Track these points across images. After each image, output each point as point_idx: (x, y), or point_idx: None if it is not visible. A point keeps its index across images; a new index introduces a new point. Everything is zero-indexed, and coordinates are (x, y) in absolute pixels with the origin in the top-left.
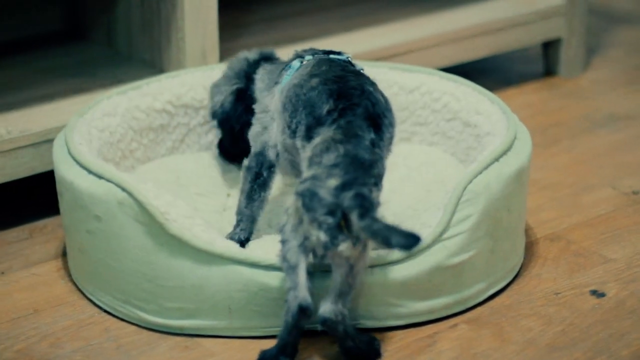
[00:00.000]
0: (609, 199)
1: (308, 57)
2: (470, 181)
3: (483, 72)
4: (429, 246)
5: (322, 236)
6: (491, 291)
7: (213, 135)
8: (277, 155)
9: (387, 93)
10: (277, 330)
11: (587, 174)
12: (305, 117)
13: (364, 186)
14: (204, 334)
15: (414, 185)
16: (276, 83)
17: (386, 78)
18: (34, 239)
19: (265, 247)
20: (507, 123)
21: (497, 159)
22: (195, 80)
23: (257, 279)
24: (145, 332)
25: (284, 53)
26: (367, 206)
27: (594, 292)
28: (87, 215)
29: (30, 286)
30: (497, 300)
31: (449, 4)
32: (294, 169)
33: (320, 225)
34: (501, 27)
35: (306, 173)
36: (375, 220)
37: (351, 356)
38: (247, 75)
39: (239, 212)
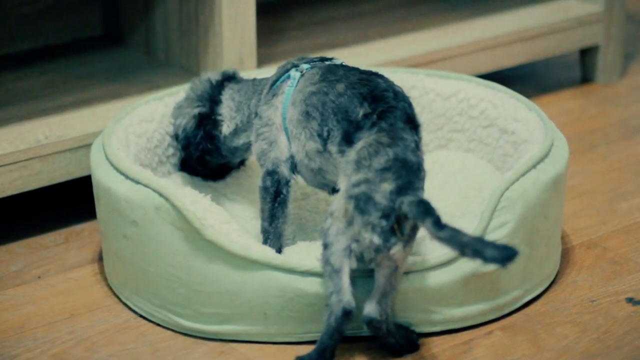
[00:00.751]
0: None
1: (305, 66)
2: (507, 188)
3: (520, 78)
4: None
5: (376, 239)
6: (527, 298)
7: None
8: (293, 167)
9: (423, 99)
10: (312, 336)
11: (623, 181)
12: (339, 123)
13: (418, 190)
14: (240, 340)
15: (450, 192)
16: (274, 95)
17: (423, 85)
18: (70, 244)
19: (301, 253)
20: (545, 130)
21: (534, 166)
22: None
23: (293, 285)
24: (180, 337)
25: None
26: (437, 215)
27: (630, 300)
28: (124, 220)
29: (67, 290)
30: (532, 307)
31: (486, 11)
32: (317, 176)
33: (374, 229)
34: (538, 34)
35: (355, 177)
36: (457, 231)
37: (392, 351)
38: (211, 98)
39: (264, 231)
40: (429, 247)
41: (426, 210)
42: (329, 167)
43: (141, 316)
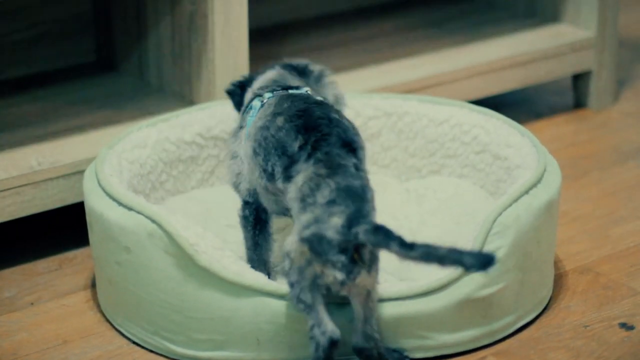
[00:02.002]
0: (639, 231)
1: (267, 95)
2: (500, 214)
3: (513, 104)
4: (457, 278)
5: (338, 275)
6: (520, 324)
7: None
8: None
9: (416, 125)
10: None
11: (616, 206)
12: (279, 158)
13: (369, 214)
14: None
15: (443, 218)
16: (241, 127)
17: (416, 110)
18: (63, 270)
19: None
20: (537, 155)
21: (526, 192)
22: (225, 112)
23: (285, 311)
24: None
25: None
26: (398, 236)
27: (623, 325)
28: (117, 247)
29: (60, 317)
30: (525, 332)
31: (478, 37)
32: (276, 206)
33: (334, 265)
34: (531, 59)
35: (304, 217)
36: (428, 245)
37: None
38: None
39: (249, 260)
40: (422, 273)
41: (386, 235)
42: (283, 199)
43: (134, 342)
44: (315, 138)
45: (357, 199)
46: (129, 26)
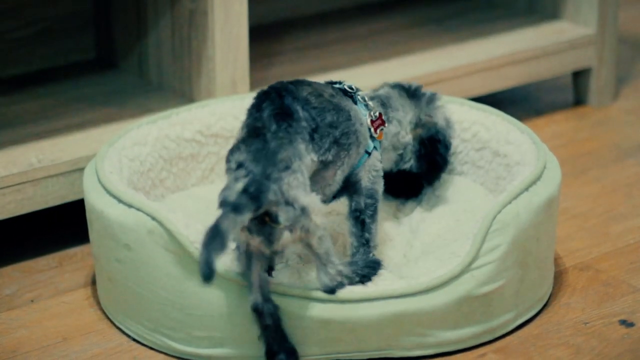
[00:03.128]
0: (639, 228)
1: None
2: (500, 211)
3: (513, 101)
4: (458, 276)
5: (256, 239)
6: (520, 321)
7: None
8: None
9: None
10: (305, 359)
11: (616, 204)
12: None
13: (270, 177)
14: None
15: (443, 215)
16: None
17: None
18: (63, 268)
19: (293, 276)
20: (537, 153)
21: (526, 189)
22: (225, 109)
23: (285, 308)
24: None
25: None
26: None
27: (623, 322)
28: (117, 244)
29: (60, 314)
30: (525, 329)
31: (478, 34)
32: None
33: (250, 231)
34: (531, 56)
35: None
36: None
37: (364, 283)
38: None
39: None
40: (422, 270)
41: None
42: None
43: (134, 340)
44: (251, 109)
45: (263, 159)
46: (128, 24)
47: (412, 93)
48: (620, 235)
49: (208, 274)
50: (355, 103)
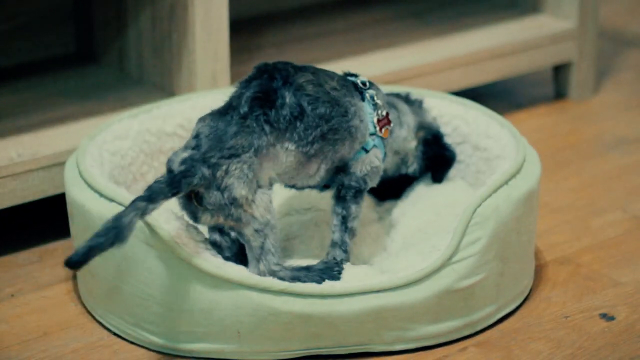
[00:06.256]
0: (619, 222)
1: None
2: (480, 204)
3: (493, 95)
4: (438, 270)
5: (183, 211)
6: (501, 314)
7: None
8: None
9: None
10: (286, 354)
11: (597, 197)
12: None
13: (206, 161)
14: (214, 358)
15: (423, 209)
16: None
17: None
18: (44, 262)
19: None
20: (517, 146)
21: (506, 182)
22: (205, 103)
23: (266, 304)
24: (154, 355)
25: None
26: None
27: (603, 316)
28: None
29: (40, 309)
30: (506, 323)
31: (458, 28)
32: None
33: (179, 201)
34: (511, 50)
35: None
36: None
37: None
38: None
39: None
40: (403, 265)
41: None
42: None
43: (115, 334)
44: (234, 94)
45: (215, 142)
46: (109, 17)
47: (406, 99)
48: (601, 228)
49: (75, 262)
50: (363, 100)
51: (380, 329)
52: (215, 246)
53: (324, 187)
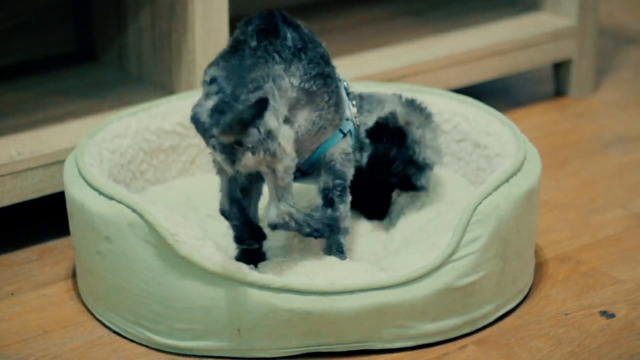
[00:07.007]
0: (619, 219)
1: None
2: (480, 202)
3: (493, 93)
4: (438, 267)
5: (219, 157)
6: (501, 312)
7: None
8: None
9: None
10: (286, 351)
11: (597, 195)
12: None
13: (237, 99)
14: (213, 356)
15: (423, 206)
16: None
17: None
18: (43, 260)
19: (275, 269)
20: (517, 144)
21: (506, 180)
22: None
23: (266, 301)
24: (154, 353)
25: None
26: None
27: (603, 313)
28: (97, 237)
29: (40, 307)
30: (506, 321)
31: (459, 26)
32: None
33: (214, 147)
34: (511, 48)
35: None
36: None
37: (315, 237)
38: None
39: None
40: (403, 262)
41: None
42: None
43: (115, 332)
44: (238, 30)
45: (235, 77)
46: (108, 16)
47: (420, 109)
48: (601, 226)
49: None
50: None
51: (380, 326)
52: (224, 215)
53: (305, 174)
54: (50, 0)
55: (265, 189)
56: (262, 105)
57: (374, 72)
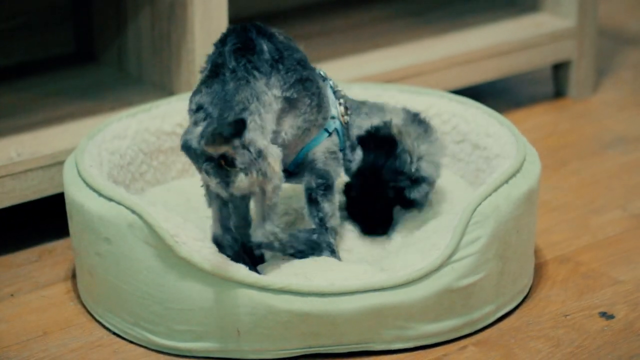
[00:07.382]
0: (619, 220)
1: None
2: (480, 203)
3: (493, 94)
4: (438, 268)
5: (212, 181)
6: (500, 313)
7: None
8: None
9: None
10: (285, 353)
11: (596, 196)
12: None
13: (225, 122)
14: (213, 357)
15: (423, 207)
16: None
17: (395, 100)
18: (43, 262)
19: (274, 270)
20: (517, 145)
21: (506, 181)
22: None
23: (266, 302)
24: (153, 354)
25: None
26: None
27: (603, 314)
28: (97, 238)
29: (40, 308)
30: (506, 322)
31: (458, 27)
32: None
33: (207, 172)
34: (511, 49)
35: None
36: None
37: (298, 257)
38: None
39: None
40: (402, 263)
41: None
42: None
43: (114, 334)
44: (214, 50)
45: (221, 102)
46: (108, 16)
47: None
48: (601, 227)
49: None
50: (324, 81)
51: (379, 327)
52: (217, 244)
53: (292, 174)
54: (50, 0)
55: None
56: (239, 125)
57: (374, 73)
